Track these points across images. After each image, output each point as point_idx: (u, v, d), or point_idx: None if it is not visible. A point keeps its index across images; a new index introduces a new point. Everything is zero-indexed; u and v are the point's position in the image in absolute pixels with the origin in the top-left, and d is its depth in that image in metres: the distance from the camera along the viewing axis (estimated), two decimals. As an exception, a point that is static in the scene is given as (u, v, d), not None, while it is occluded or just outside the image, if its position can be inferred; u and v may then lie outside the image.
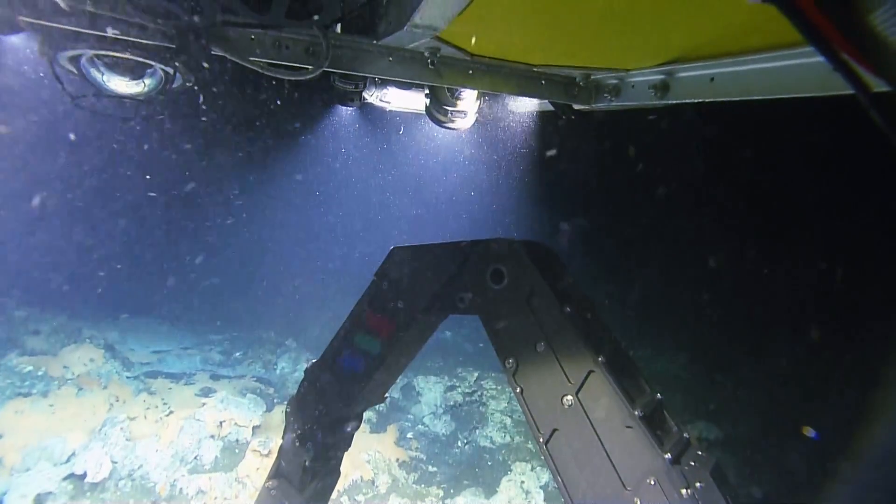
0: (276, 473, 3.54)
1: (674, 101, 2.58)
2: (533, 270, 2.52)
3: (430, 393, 9.52)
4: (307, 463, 3.31)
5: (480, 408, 9.27)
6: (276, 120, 10.93)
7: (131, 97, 2.61)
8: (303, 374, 3.29)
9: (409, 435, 8.79)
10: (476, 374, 9.80)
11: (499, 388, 9.53)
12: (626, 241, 10.40)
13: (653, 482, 2.14)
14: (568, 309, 2.41)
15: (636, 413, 2.21)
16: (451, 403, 9.36)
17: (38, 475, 6.02)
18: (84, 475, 6.22)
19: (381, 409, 9.14)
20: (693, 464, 2.22)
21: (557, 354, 2.41)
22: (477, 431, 8.90)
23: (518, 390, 2.51)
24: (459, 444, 8.75)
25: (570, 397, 2.35)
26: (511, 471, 7.91)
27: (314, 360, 3.23)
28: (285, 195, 14.82)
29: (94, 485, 6.24)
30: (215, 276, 14.07)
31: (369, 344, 3.01)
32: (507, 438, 8.73)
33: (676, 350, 9.60)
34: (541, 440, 2.45)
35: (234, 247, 14.62)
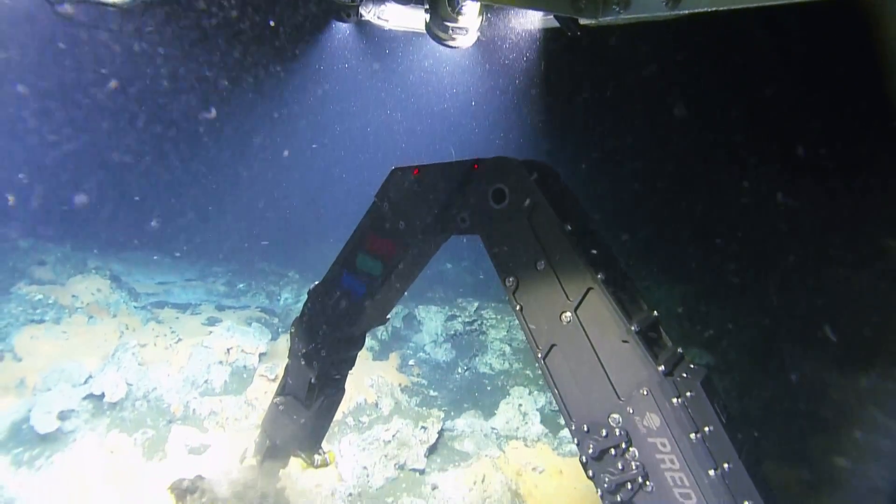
0: (284, 391, 3.70)
1: (686, 11, 2.44)
2: (535, 189, 2.50)
3: (430, 322, 9.77)
4: (313, 380, 3.44)
5: (480, 336, 9.54)
6: (270, 39, 10.43)
7: (112, 5, 2.47)
8: (306, 296, 3.34)
9: (411, 362, 9.10)
10: (476, 304, 10.01)
11: (498, 317, 9.76)
12: (631, 171, 10.21)
13: (645, 392, 2.23)
14: (569, 227, 2.41)
15: (633, 328, 2.26)
16: (452, 332, 9.62)
17: (59, 395, 6.31)
18: (102, 395, 6.50)
19: (383, 337, 9.42)
20: (685, 375, 2.31)
21: (557, 272, 2.43)
22: (476, 359, 9.21)
23: (518, 308, 2.56)
24: (459, 370, 9.08)
25: (568, 314, 2.40)
26: (509, 395, 8.24)
27: (317, 282, 3.28)
28: (283, 124, 14.48)
29: (113, 404, 6.54)
30: (215, 209, 14.05)
31: (371, 265, 3.04)
32: (506, 365, 9.05)
33: (674, 282, 9.72)
34: (539, 355, 2.53)
35: (232, 178, 14.49)
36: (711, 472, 2.11)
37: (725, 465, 2.15)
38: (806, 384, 6.93)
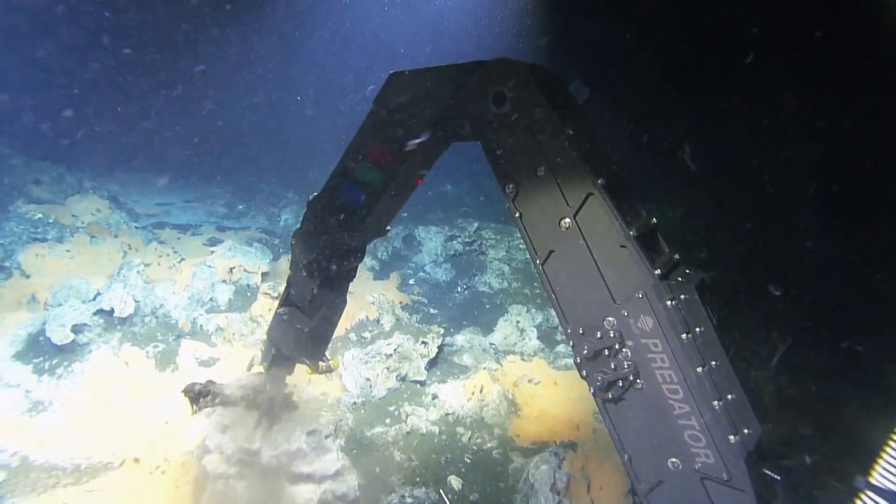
0: (287, 301, 3.77)
1: None
2: (536, 92, 2.41)
3: (430, 242, 9.85)
4: (315, 290, 3.50)
5: (479, 256, 9.66)
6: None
7: None
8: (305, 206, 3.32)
9: (411, 281, 9.28)
10: (476, 225, 10.04)
11: (497, 237, 9.83)
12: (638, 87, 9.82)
13: (641, 295, 2.28)
14: (570, 132, 2.35)
15: (631, 233, 2.27)
16: (452, 252, 9.73)
17: (71, 310, 6.49)
18: (112, 311, 6.69)
19: (383, 257, 9.54)
20: (680, 279, 2.34)
21: (557, 178, 2.41)
22: (476, 278, 9.38)
23: (517, 215, 2.56)
24: (459, 289, 9.28)
25: (567, 220, 2.40)
26: (507, 312, 8.48)
27: (316, 193, 3.25)
28: (277, 43, 13.81)
29: (123, 319, 6.74)
30: (212, 130, 13.71)
31: (370, 175, 3.00)
32: (505, 284, 9.23)
33: (674, 206, 9.68)
34: (537, 262, 2.55)
35: (227, 99, 14.02)
36: (699, 370, 2.20)
37: (713, 363, 2.24)
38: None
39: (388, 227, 3.45)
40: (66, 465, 5.00)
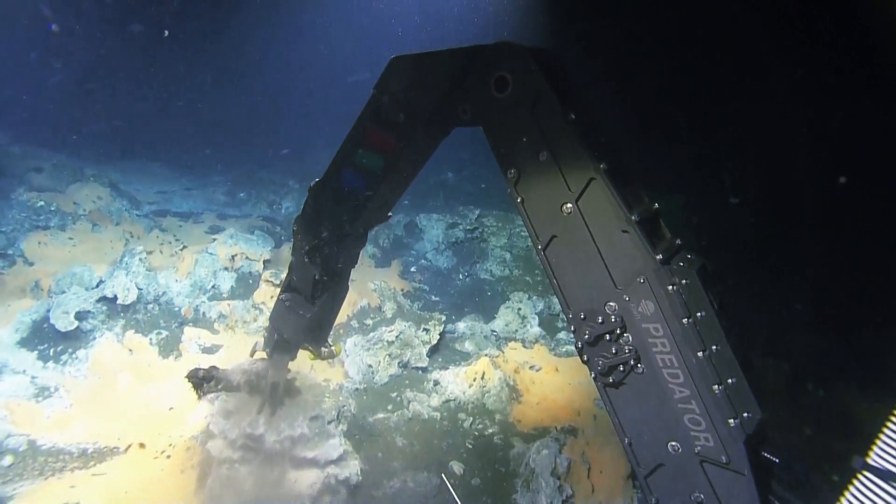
0: (289, 287, 3.79)
1: None
2: (538, 76, 2.39)
3: (432, 230, 9.85)
4: (316, 276, 3.51)
5: (481, 244, 9.66)
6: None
7: None
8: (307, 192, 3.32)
9: (413, 269, 9.29)
10: (477, 212, 10.03)
11: (499, 224, 9.82)
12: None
13: (642, 280, 2.28)
14: (573, 116, 2.34)
15: (633, 218, 2.27)
16: (453, 240, 9.73)
17: (74, 297, 6.51)
18: (115, 298, 6.72)
19: (384, 244, 9.54)
20: (682, 264, 2.35)
21: (559, 163, 2.40)
22: (477, 265, 9.39)
23: (519, 200, 2.55)
24: (461, 276, 9.30)
25: (569, 205, 2.40)
26: (509, 300, 8.50)
27: (317, 179, 3.25)
28: (277, 28, 13.68)
29: (126, 306, 6.77)
30: (212, 118, 13.66)
31: (371, 160, 2.99)
32: (507, 272, 9.24)
33: (675, 193, 9.65)
34: (539, 247, 2.56)
35: (227, 86, 13.94)
36: (700, 354, 2.21)
37: (714, 347, 2.25)
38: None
39: (390, 214, 3.45)
40: (73, 449, 5.06)
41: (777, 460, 2.24)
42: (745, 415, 2.24)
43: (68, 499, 4.47)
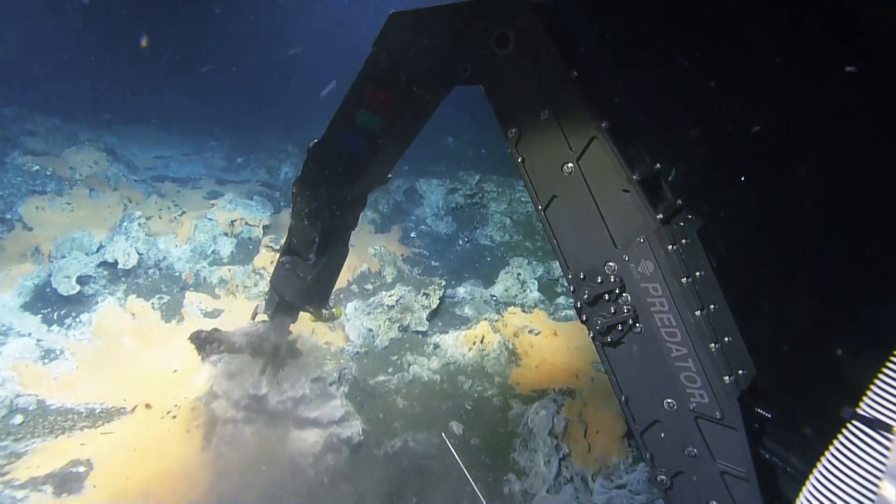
0: (289, 250, 3.80)
1: None
2: (541, 33, 2.33)
3: (432, 195, 9.79)
4: (317, 238, 3.51)
5: (481, 209, 9.62)
6: None
7: None
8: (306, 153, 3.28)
9: (413, 234, 9.29)
10: (477, 178, 9.95)
11: (499, 190, 9.76)
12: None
13: (642, 240, 2.27)
14: (575, 73, 2.29)
15: (634, 177, 2.25)
16: (453, 205, 9.69)
17: (75, 262, 6.54)
18: (115, 263, 6.74)
19: (384, 210, 9.51)
20: (682, 224, 2.34)
21: (561, 122, 2.36)
22: (477, 231, 9.38)
23: (520, 160, 2.52)
24: (461, 242, 9.30)
25: (570, 164, 2.37)
26: (509, 265, 8.52)
27: (316, 140, 3.21)
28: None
29: (127, 271, 6.80)
30: (208, 81, 13.38)
31: (370, 121, 2.94)
32: (507, 237, 9.24)
33: (674, 161, 9.54)
34: (539, 207, 2.54)
35: (224, 49, 13.60)
36: (698, 313, 2.23)
37: (711, 307, 2.27)
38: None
39: (390, 175, 3.42)
40: (81, 409, 5.18)
41: (769, 415, 2.29)
42: (740, 372, 2.27)
43: (79, 455, 4.61)
